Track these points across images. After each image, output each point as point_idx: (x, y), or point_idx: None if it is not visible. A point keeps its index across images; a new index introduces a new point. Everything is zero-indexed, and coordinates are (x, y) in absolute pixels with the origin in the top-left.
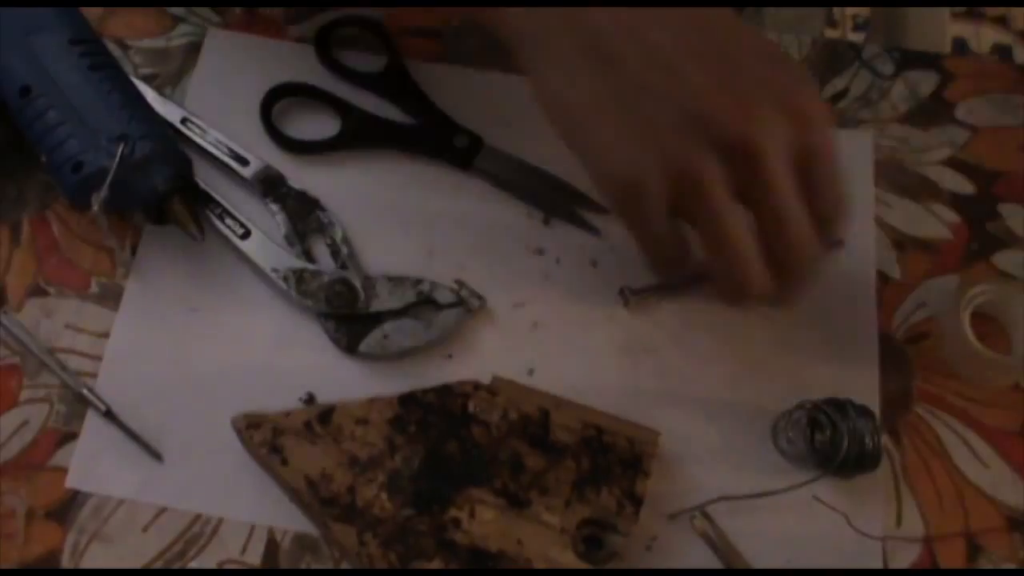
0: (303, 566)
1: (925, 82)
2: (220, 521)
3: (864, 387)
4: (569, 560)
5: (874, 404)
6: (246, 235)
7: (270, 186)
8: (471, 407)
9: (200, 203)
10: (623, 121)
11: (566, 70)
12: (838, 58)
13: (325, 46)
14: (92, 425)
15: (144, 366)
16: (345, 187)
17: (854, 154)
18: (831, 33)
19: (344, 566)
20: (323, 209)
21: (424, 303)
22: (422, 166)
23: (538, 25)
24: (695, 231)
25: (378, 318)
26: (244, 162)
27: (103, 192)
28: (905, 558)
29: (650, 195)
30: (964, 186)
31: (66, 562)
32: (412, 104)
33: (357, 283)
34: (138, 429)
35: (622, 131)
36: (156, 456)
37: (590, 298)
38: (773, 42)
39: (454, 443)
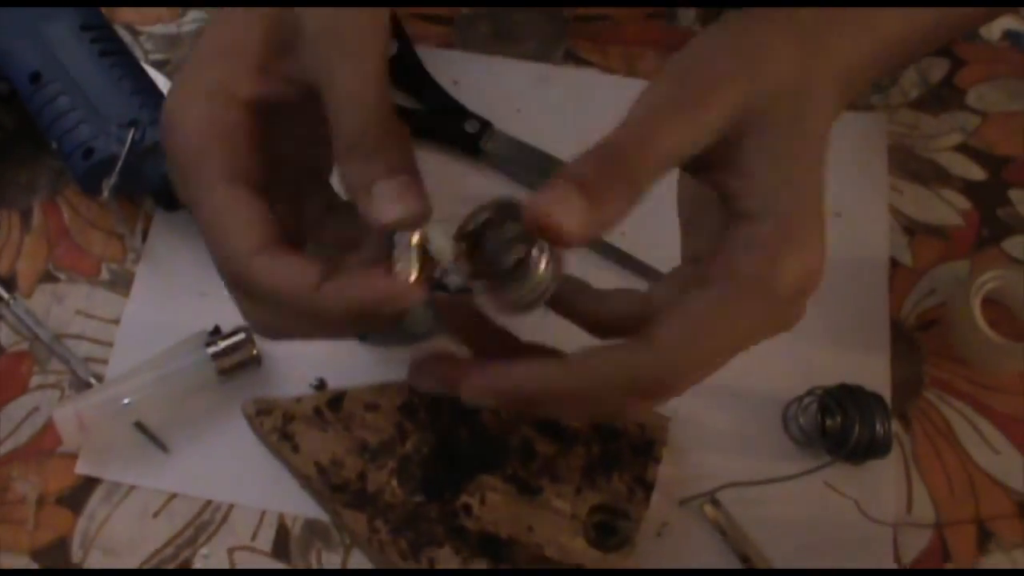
0: (313, 552)
1: (936, 68)
2: (230, 507)
3: (875, 373)
4: (580, 546)
5: (885, 390)
6: None
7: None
8: None
9: None
10: None
11: None
12: None
13: None
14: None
15: (154, 351)
16: None
17: (867, 138)
18: None
19: (354, 553)
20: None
21: (434, 289)
22: (432, 152)
23: None
24: None
25: None
26: None
27: (113, 178)
28: (916, 544)
29: None
30: (975, 172)
31: (76, 548)
32: (422, 90)
33: None
34: (148, 415)
35: None
36: (162, 448)
37: (600, 284)
38: None
39: (464, 429)
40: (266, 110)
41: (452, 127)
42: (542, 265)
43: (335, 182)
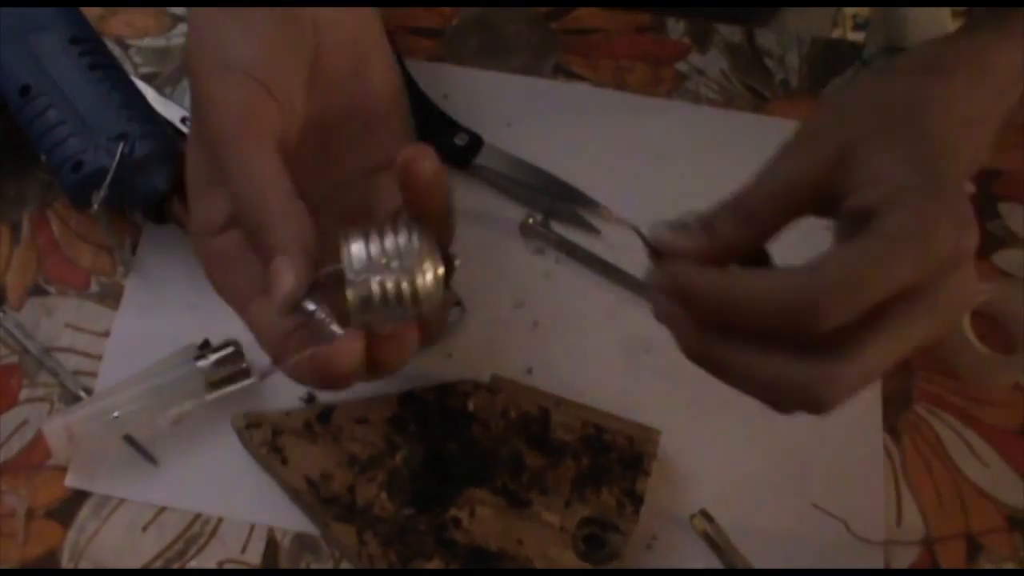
0: (303, 566)
1: None
2: (220, 521)
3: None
4: (569, 559)
5: (876, 404)
6: None
7: None
8: (471, 406)
9: None
10: None
11: None
12: (838, 58)
13: None
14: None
15: (144, 365)
16: None
17: None
18: (831, 33)
19: (344, 566)
20: None
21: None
22: None
23: None
24: None
25: None
26: None
27: (103, 191)
28: (905, 558)
29: None
30: (964, 185)
31: (66, 561)
32: (412, 103)
33: None
34: (137, 428)
35: None
36: (152, 461)
37: (590, 298)
38: None
39: (454, 442)
40: None
41: (442, 140)
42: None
43: None
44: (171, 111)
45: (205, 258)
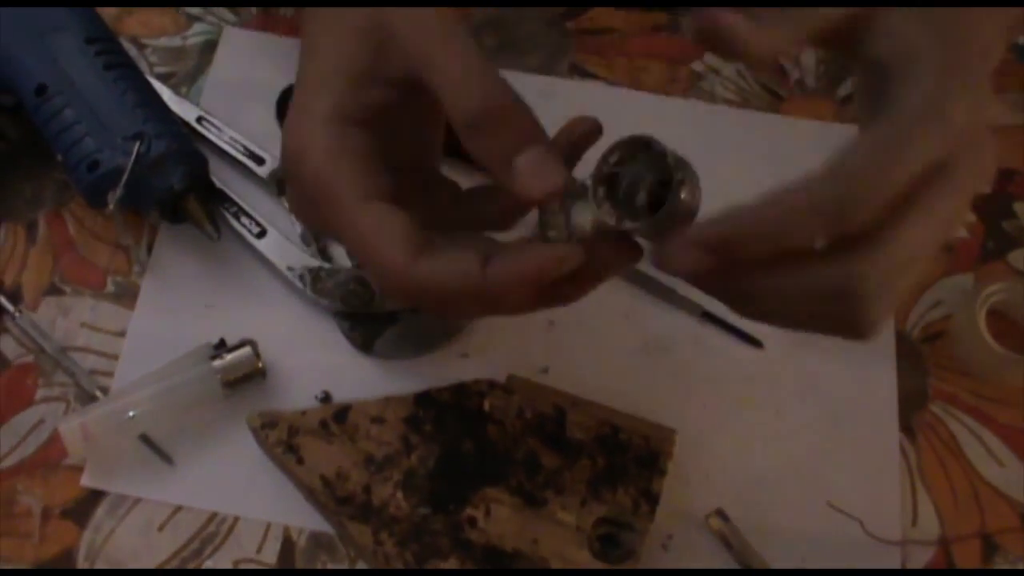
0: (319, 565)
1: None
2: (236, 520)
3: (881, 386)
4: (585, 559)
5: (891, 403)
6: (262, 234)
7: (286, 185)
8: (487, 406)
9: (216, 202)
10: None
11: None
12: None
13: None
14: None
15: (160, 364)
16: None
17: None
18: None
19: (360, 565)
20: None
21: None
22: None
23: None
24: None
25: (393, 317)
26: (260, 161)
27: (119, 191)
28: (921, 557)
29: None
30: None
31: (82, 561)
32: None
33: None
34: (153, 428)
35: None
36: (167, 460)
37: (606, 297)
38: None
39: (470, 442)
40: (377, 121)
41: (454, 138)
42: (683, 192)
43: None
44: (187, 110)
45: (369, 218)
